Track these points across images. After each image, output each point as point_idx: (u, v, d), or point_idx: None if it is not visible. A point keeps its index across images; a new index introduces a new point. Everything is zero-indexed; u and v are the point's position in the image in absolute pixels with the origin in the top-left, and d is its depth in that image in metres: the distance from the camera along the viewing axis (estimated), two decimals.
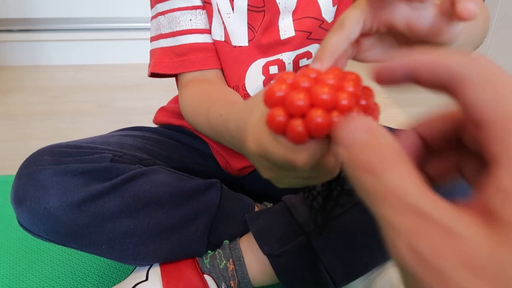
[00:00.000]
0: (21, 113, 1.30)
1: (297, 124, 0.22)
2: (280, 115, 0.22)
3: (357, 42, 0.30)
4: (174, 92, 0.67)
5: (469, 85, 0.17)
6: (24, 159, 0.55)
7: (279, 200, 0.59)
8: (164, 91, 1.37)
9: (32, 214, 0.51)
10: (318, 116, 0.21)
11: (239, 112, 0.34)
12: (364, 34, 0.30)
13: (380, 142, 0.18)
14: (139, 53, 1.71)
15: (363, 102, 0.23)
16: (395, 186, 0.16)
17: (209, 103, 0.47)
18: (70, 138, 0.60)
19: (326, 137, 0.22)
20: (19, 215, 0.53)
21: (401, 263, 0.15)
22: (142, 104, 1.36)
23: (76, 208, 0.51)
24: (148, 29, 0.64)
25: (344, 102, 0.21)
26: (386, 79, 0.20)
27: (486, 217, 0.15)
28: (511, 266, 0.14)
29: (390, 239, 0.15)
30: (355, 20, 0.28)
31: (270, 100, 0.23)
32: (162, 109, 0.75)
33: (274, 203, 0.62)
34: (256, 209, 0.62)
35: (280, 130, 0.23)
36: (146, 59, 0.64)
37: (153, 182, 0.55)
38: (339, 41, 0.28)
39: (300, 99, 0.21)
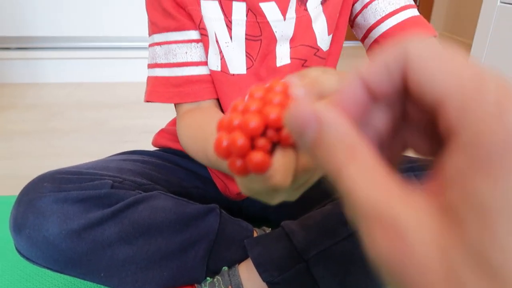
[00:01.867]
0: (17, 131, 1.30)
1: (252, 158, 0.22)
2: (235, 160, 0.23)
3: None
4: (171, 111, 0.67)
5: (417, 63, 0.16)
6: (20, 177, 0.55)
7: (278, 224, 0.59)
8: (161, 110, 1.37)
9: (31, 242, 0.51)
10: (256, 155, 0.22)
11: None
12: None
13: (332, 136, 0.17)
14: (135, 72, 1.72)
15: None
16: (351, 190, 0.15)
17: (205, 139, 0.50)
18: (66, 157, 0.60)
19: (290, 146, 0.23)
20: (17, 242, 0.52)
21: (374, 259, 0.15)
22: (138, 123, 1.36)
23: (76, 236, 0.51)
24: (144, 48, 0.65)
25: (273, 116, 0.22)
26: (353, 109, 0.18)
27: (442, 204, 0.14)
28: (458, 264, 0.13)
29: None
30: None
31: (221, 153, 0.24)
32: (162, 131, 0.75)
33: (272, 227, 0.62)
34: (255, 234, 0.62)
35: (245, 172, 0.23)
36: (142, 78, 0.64)
37: (152, 208, 0.56)
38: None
39: (239, 139, 0.22)
